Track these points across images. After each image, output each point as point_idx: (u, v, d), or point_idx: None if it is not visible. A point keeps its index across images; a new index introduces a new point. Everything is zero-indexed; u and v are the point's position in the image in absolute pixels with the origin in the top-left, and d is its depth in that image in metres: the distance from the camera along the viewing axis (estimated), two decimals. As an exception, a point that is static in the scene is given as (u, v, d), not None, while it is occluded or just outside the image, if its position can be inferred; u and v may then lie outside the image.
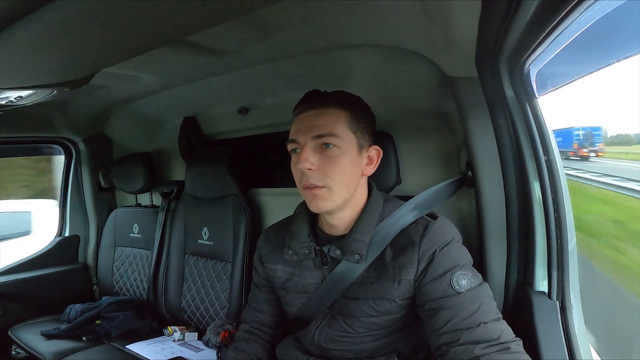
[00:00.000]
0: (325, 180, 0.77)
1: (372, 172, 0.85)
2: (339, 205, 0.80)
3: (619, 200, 2.06)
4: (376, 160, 0.85)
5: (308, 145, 0.78)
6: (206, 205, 1.61)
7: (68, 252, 1.95)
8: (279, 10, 0.82)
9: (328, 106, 0.79)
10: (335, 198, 0.79)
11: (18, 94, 1.10)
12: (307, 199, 0.82)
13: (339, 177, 0.78)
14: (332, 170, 0.77)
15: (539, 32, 0.59)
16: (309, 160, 0.76)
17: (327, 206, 0.79)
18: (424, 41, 0.91)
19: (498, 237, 0.94)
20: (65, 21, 0.61)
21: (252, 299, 1.03)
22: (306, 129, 0.78)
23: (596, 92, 0.80)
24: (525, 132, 0.83)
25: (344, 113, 0.79)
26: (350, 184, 0.80)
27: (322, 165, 0.77)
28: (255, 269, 1.01)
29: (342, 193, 0.79)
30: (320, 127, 0.77)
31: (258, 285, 1.01)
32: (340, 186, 0.78)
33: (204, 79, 1.32)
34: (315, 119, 0.78)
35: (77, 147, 1.94)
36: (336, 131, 0.77)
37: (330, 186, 0.78)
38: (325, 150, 0.78)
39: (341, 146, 0.78)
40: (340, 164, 0.78)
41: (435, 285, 0.75)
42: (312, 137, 0.78)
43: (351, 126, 0.79)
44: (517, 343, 0.68)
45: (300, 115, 0.81)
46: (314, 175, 0.77)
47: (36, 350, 1.41)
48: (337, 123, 0.78)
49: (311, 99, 0.81)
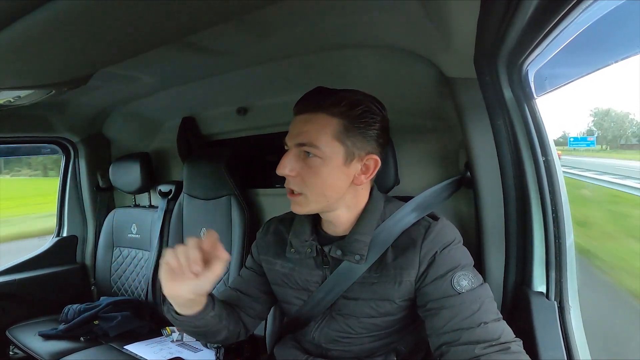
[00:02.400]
0: (302, 187, 0.77)
1: (365, 182, 0.81)
2: (316, 210, 0.81)
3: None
4: (372, 170, 0.80)
5: (292, 151, 0.78)
6: (204, 205, 1.61)
7: (66, 253, 1.95)
8: (279, 10, 0.82)
9: (318, 111, 0.76)
10: (312, 205, 0.79)
11: (16, 94, 1.10)
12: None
13: (316, 187, 0.77)
14: (310, 179, 0.77)
15: (537, 33, 0.60)
16: (287, 167, 0.77)
17: (303, 211, 0.80)
18: (422, 42, 0.91)
19: (496, 237, 0.94)
20: (64, 21, 0.61)
21: (237, 282, 0.97)
22: (293, 134, 0.78)
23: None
24: (524, 132, 0.83)
25: (333, 121, 0.75)
26: (329, 194, 0.78)
27: (301, 173, 0.77)
28: (250, 254, 1.00)
29: (318, 201, 0.78)
30: (303, 135, 0.76)
31: (247, 266, 0.99)
32: (317, 195, 0.78)
33: (202, 79, 1.31)
34: (303, 125, 0.77)
35: (76, 147, 1.94)
36: (318, 142, 0.75)
37: (306, 194, 0.77)
38: (307, 159, 0.77)
39: (322, 157, 0.76)
40: (319, 174, 0.76)
41: (436, 286, 0.75)
42: (295, 143, 0.77)
43: (338, 135, 0.75)
44: (518, 343, 0.68)
45: (294, 118, 0.81)
46: (292, 182, 0.78)
47: (34, 350, 1.40)
48: (322, 132, 0.75)
49: (306, 101, 0.79)
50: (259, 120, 1.56)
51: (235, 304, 0.92)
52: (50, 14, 0.57)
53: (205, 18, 0.70)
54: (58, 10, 0.56)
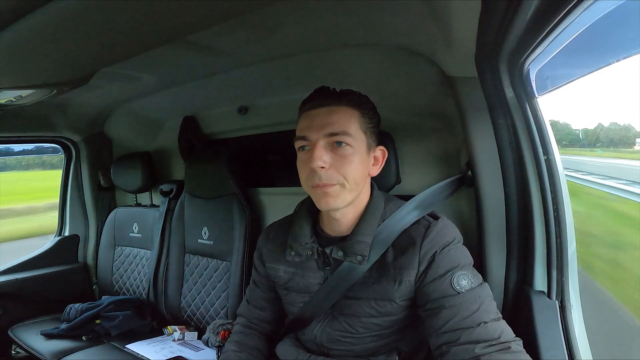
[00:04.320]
0: (338, 178, 0.77)
1: (377, 172, 0.85)
2: (348, 202, 0.80)
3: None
4: (381, 160, 0.85)
5: (320, 143, 0.76)
6: (206, 204, 1.61)
7: (68, 252, 1.95)
8: (279, 10, 0.82)
9: (340, 104, 0.78)
10: (346, 196, 0.78)
11: (18, 94, 1.10)
12: (315, 197, 0.80)
13: (352, 176, 0.77)
14: (345, 168, 0.76)
15: (538, 32, 0.60)
16: (322, 159, 0.75)
17: (337, 204, 0.78)
18: (423, 41, 0.91)
19: (497, 236, 0.94)
20: (65, 21, 0.61)
21: (251, 295, 1.02)
22: (318, 126, 0.77)
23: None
24: (525, 131, 0.83)
25: (355, 112, 0.79)
26: (360, 183, 0.80)
27: (334, 164, 0.76)
28: (255, 268, 1.01)
29: (352, 191, 0.79)
30: (333, 125, 0.76)
31: (258, 284, 1.01)
32: (352, 184, 0.78)
33: (203, 78, 1.31)
34: (328, 116, 0.77)
35: (77, 147, 1.94)
36: (350, 130, 0.77)
37: (343, 183, 0.77)
38: (338, 149, 0.77)
39: (354, 145, 0.77)
40: (353, 163, 0.77)
41: (435, 286, 0.75)
42: (324, 134, 0.76)
43: (361, 125, 0.79)
44: (518, 343, 0.68)
45: (310, 112, 0.79)
46: (326, 175, 0.76)
47: (36, 349, 1.41)
48: (350, 122, 0.77)
49: (323, 95, 0.80)
50: (260, 120, 1.56)
51: (254, 334, 1.00)
52: (51, 14, 0.57)
53: (205, 18, 0.70)
54: (59, 11, 0.56)
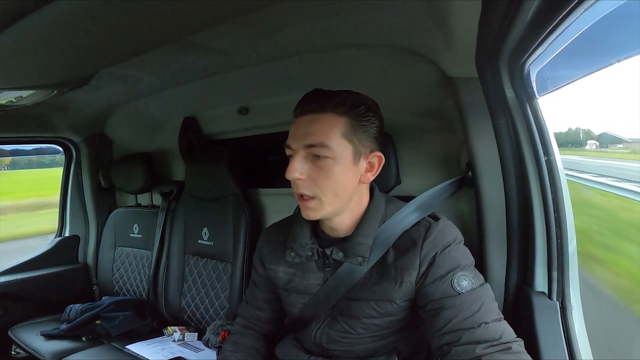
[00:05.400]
0: (314, 190, 0.76)
1: (371, 179, 0.82)
2: (330, 214, 0.80)
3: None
4: (377, 167, 0.81)
5: (299, 153, 0.76)
6: (206, 205, 1.61)
7: (68, 252, 1.95)
8: (279, 11, 0.82)
9: (324, 111, 0.76)
10: (326, 208, 0.78)
11: (18, 94, 1.10)
12: (300, 207, 0.81)
13: (329, 188, 0.76)
14: (322, 181, 0.75)
15: (539, 33, 0.59)
16: (298, 170, 0.75)
17: (317, 216, 0.79)
18: (423, 41, 0.91)
19: (498, 237, 0.94)
20: (66, 22, 0.61)
21: (251, 296, 1.02)
22: (299, 136, 0.76)
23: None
24: (526, 132, 0.83)
25: (341, 120, 0.75)
26: (342, 194, 0.78)
27: (312, 175, 0.75)
28: (255, 269, 1.01)
29: (332, 203, 0.78)
30: (312, 136, 0.75)
31: (257, 285, 1.00)
32: (330, 197, 0.77)
33: (204, 79, 1.31)
34: (309, 126, 0.76)
35: (77, 147, 1.94)
36: (328, 141, 0.74)
37: (319, 197, 0.76)
38: (317, 161, 0.75)
39: (334, 157, 0.75)
40: (331, 175, 0.75)
41: (436, 286, 0.75)
42: (303, 145, 0.75)
43: (347, 134, 0.75)
44: (519, 343, 0.68)
45: (297, 119, 0.79)
46: (303, 185, 0.76)
47: (36, 350, 1.41)
48: (331, 132, 0.75)
49: (309, 101, 0.78)
50: (260, 120, 1.56)
51: (253, 334, 0.99)
52: (51, 15, 0.57)
53: (205, 18, 0.70)
54: (59, 11, 0.57)
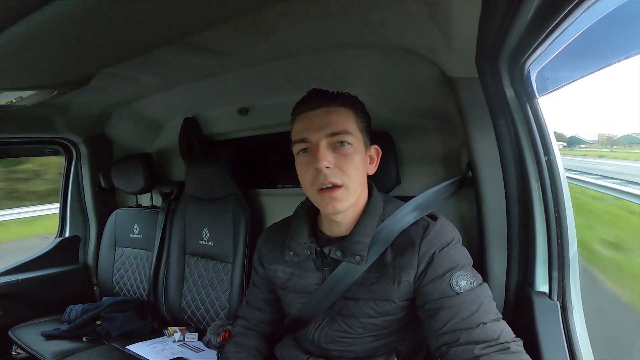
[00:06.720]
0: (342, 178, 0.77)
1: (374, 171, 0.86)
2: (351, 205, 0.80)
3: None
4: (376, 159, 0.86)
5: (322, 143, 0.77)
6: (206, 205, 1.61)
7: (68, 253, 1.95)
8: (279, 11, 0.82)
9: (337, 104, 0.80)
10: (351, 197, 0.79)
11: (19, 95, 1.10)
12: (322, 201, 0.79)
13: (354, 175, 0.78)
14: (349, 169, 0.77)
15: (539, 33, 0.59)
16: (327, 159, 0.75)
17: (343, 206, 0.78)
18: (423, 41, 0.91)
19: (498, 237, 0.94)
20: (66, 22, 0.61)
21: (251, 297, 1.03)
22: (318, 126, 0.77)
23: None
24: (526, 132, 0.83)
25: (351, 112, 0.80)
26: (362, 182, 0.82)
27: (338, 163, 0.77)
28: (254, 269, 1.01)
29: (356, 191, 0.80)
30: (334, 125, 0.77)
31: (257, 285, 1.01)
32: (355, 184, 0.79)
33: (204, 79, 1.31)
34: (327, 117, 0.78)
35: (78, 148, 1.94)
36: (350, 128, 0.78)
37: (347, 185, 0.77)
38: (340, 148, 0.77)
39: (354, 144, 0.78)
40: (355, 162, 0.78)
41: (434, 286, 0.75)
42: (326, 134, 0.77)
43: (358, 125, 0.81)
44: (517, 343, 0.68)
45: (307, 113, 0.80)
46: (331, 174, 0.76)
47: (36, 350, 1.41)
48: (349, 121, 0.79)
49: (318, 97, 0.80)
50: (261, 120, 1.56)
51: (254, 335, 1.00)
52: (51, 15, 0.57)
53: (205, 18, 0.70)
54: (59, 12, 0.56)
